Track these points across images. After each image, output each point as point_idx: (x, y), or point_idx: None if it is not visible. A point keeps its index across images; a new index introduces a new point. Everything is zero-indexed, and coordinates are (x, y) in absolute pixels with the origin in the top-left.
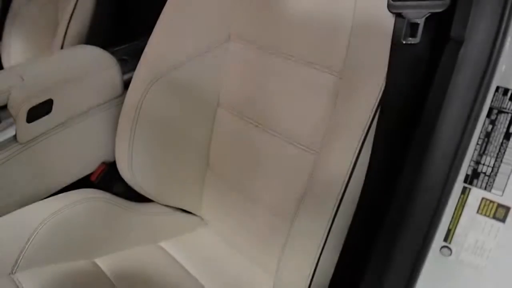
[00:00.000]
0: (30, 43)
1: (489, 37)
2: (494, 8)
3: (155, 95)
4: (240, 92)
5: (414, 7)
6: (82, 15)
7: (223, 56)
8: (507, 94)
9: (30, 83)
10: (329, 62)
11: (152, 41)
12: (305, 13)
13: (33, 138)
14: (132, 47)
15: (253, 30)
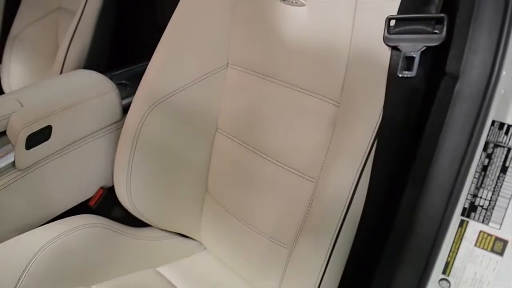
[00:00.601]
0: (30, 65)
1: (484, 72)
2: (488, 45)
3: (154, 120)
4: (238, 117)
5: (409, 40)
6: (81, 39)
7: (221, 82)
8: (502, 128)
9: (29, 109)
10: (326, 90)
11: (151, 67)
12: (302, 42)
13: (32, 165)
14: (131, 71)
15: (251, 57)
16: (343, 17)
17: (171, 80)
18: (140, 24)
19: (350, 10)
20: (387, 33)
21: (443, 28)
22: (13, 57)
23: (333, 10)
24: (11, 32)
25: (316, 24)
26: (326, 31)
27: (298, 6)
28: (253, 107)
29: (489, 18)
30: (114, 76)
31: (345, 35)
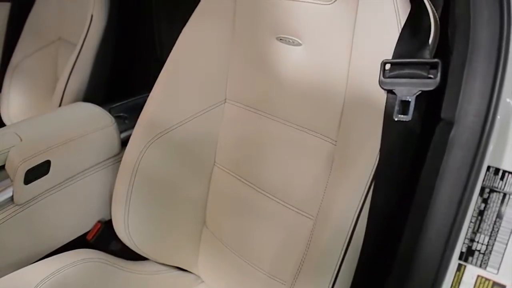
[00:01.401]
0: (29, 96)
1: (478, 120)
2: (481, 92)
3: (153, 155)
4: (236, 152)
5: (404, 84)
6: (81, 71)
7: (220, 117)
8: (498, 174)
9: (28, 144)
10: (323, 128)
11: (150, 102)
12: (299, 80)
13: (30, 199)
14: (130, 104)
15: (249, 93)
16: (339, 58)
17: (170, 115)
18: (139, 56)
19: (346, 52)
20: (383, 77)
21: (438, 73)
22: (13, 87)
23: (329, 51)
24: (11, 62)
25: (312, 64)
26: (322, 71)
27: (294, 45)
28: (251, 142)
29: (482, 66)
30: (113, 108)
31: (341, 76)
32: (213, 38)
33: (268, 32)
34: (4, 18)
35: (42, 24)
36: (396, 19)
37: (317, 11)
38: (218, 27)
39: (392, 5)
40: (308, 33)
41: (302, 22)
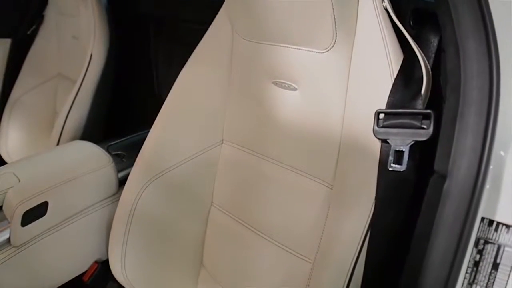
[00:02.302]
0: (28, 131)
1: (470, 173)
2: (473, 147)
3: (150, 196)
4: (233, 193)
5: (398, 134)
6: (80, 108)
7: (217, 158)
8: (492, 225)
9: (26, 185)
10: (319, 172)
11: (148, 143)
12: (294, 124)
13: (27, 241)
14: (128, 141)
15: (245, 135)
16: (334, 104)
17: (167, 156)
18: (137, 93)
19: (341, 99)
20: (377, 127)
21: (430, 124)
22: (11, 123)
23: (324, 97)
24: (11, 97)
25: (308, 108)
26: (317, 116)
27: (290, 90)
28: (247, 183)
29: (473, 121)
30: (111, 146)
31: (336, 122)
32: (210, 80)
33: (264, 76)
34: (4, 54)
35: (42, 60)
36: (389, 68)
37: (312, 58)
38: (215, 70)
39: (385, 55)
40: (303, 78)
41: (297, 68)
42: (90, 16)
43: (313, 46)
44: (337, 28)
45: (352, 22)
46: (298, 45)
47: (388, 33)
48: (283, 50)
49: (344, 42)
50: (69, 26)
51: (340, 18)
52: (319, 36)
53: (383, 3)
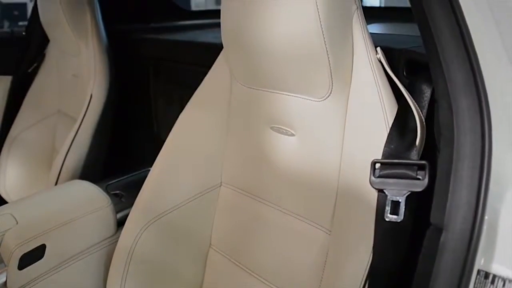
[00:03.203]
0: (26, 168)
1: (466, 227)
2: (468, 201)
3: (149, 238)
4: (231, 236)
5: (394, 185)
6: (80, 147)
7: (215, 200)
8: (488, 278)
9: (24, 227)
10: (317, 217)
11: (146, 186)
12: (292, 169)
13: (24, 284)
14: (126, 180)
15: (244, 178)
16: (331, 151)
17: (166, 199)
18: (136, 132)
19: (338, 146)
20: (373, 177)
21: (426, 175)
22: (10, 159)
23: (321, 144)
24: (10, 134)
25: (305, 154)
26: (315, 162)
27: (288, 135)
28: (245, 226)
29: (467, 176)
30: (110, 185)
31: (334, 168)
32: (209, 124)
33: (262, 121)
34: (4, 91)
35: (42, 97)
36: (384, 119)
37: (309, 106)
38: (214, 113)
39: (380, 105)
40: (301, 125)
41: (294, 115)
42: (91, 56)
43: (310, 94)
44: (333, 78)
45: (347, 73)
46: (295, 93)
47: (382, 84)
48: (281, 97)
49: (340, 92)
50: (70, 65)
51: (336, 69)
52: (315, 86)
53: (377, 55)
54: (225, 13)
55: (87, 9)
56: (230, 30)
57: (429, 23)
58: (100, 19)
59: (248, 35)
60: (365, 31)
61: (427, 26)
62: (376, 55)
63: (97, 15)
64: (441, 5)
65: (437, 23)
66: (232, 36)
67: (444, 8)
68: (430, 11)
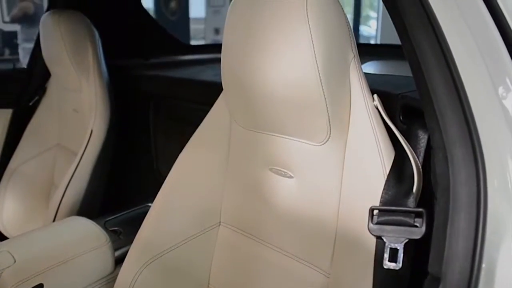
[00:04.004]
0: (24, 201)
1: (463, 277)
2: (465, 251)
3: (147, 278)
4: (230, 276)
5: (392, 232)
6: (79, 183)
7: (214, 239)
8: None
9: (22, 266)
10: (316, 259)
11: (145, 225)
12: (290, 210)
13: None
14: (125, 216)
15: (243, 218)
16: (329, 195)
17: (165, 238)
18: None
19: (336, 190)
20: (371, 223)
21: (423, 223)
22: (8, 192)
23: (319, 187)
24: (9, 166)
25: (303, 197)
26: (313, 205)
27: (287, 177)
28: (244, 266)
29: (464, 226)
30: (108, 221)
31: (332, 212)
32: (209, 163)
33: (261, 163)
34: (4, 124)
35: (42, 131)
36: (382, 165)
37: (307, 149)
38: (214, 153)
39: (377, 152)
40: (299, 168)
41: (293, 157)
42: (92, 91)
43: (309, 138)
44: (331, 124)
45: (345, 119)
46: (294, 137)
47: (379, 130)
48: (280, 140)
49: (338, 137)
50: (70, 100)
51: (334, 116)
52: (314, 131)
53: (374, 101)
54: (225, 57)
55: (89, 46)
56: (230, 73)
57: (424, 74)
58: (102, 56)
59: (248, 80)
60: (362, 79)
61: (422, 78)
62: (373, 102)
63: (99, 52)
64: (436, 57)
65: (431, 75)
66: (232, 80)
67: (439, 60)
68: (425, 63)
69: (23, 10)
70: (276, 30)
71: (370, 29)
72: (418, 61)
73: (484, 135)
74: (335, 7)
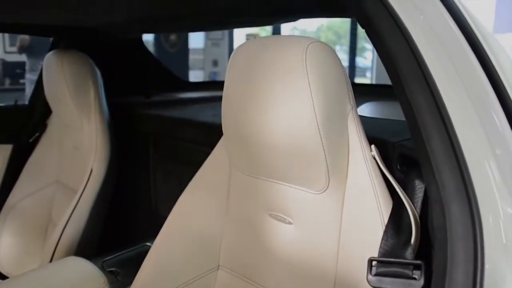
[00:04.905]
0: (22, 237)
1: None
2: None
3: None
4: None
5: (391, 284)
6: (76, 223)
7: (213, 284)
8: None
9: None
10: None
11: (145, 267)
12: (289, 256)
13: None
14: (123, 256)
15: (242, 262)
16: (328, 243)
17: (164, 282)
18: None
19: (335, 238)
20: (370, 275)
21: (421, 275)
22: (6, 229)
23: (318, 235)
24: (7, 202)
25: (302, 243)
26: (312, 252)
27: (286, 223)
28: None
29: (461, 281)
30: (106, 262)
31: (331, 260)
32: (208, 207)
33: (261, 208)
34: (4, 160)
35: (41, 167)
36: (380, 215)
37: (307, 197)
38: (213, 197)
39: (375, 202)
40: (299, 215)
41: (292, 205)
42: (92, 130)
43: (308, 186)
44: (330, 174)
45: (343, 169)
46: (293, 184)
47: (377, 180)
48: (279, 187)
49: (337, 186)
50: (71, 137)
51: (333, 165)
52: (313, 180)
53: (371, 152)
54: (226, 105)
55: (91, 86)
56: (231, 121)
57: (421, 131)
58: (103, 95)
59: (248, 128)
60: (359, 129)
61: (419, 134)
62: (371, 152)
63: (100, 91)
64: (432, 115)
65: (429, 134)
66: (232, 127)
67: (435, 118)
68: (422, 120)
69: (21, 43)
70: (276, 82)
71: (365, 60)
72: (414, 117)
73: (479, 190)
74: (333, 60)
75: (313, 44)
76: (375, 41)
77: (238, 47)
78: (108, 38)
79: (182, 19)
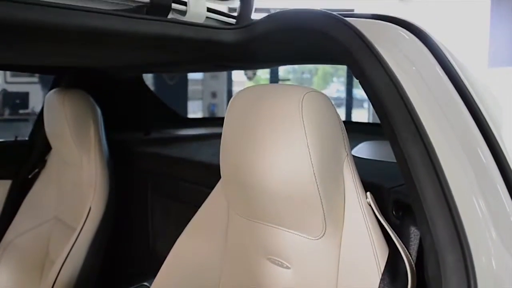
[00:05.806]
0: (18, 274)
1: None
2: None
3: None
4: None
5: None
6: (75, 261)
7: None
8: None
9: None
10: None
11: None
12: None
13: None
14: None
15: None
16: (325, 286)
17: None
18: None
19: (332, 284)
20: None
21: None
22: (2, 265)
23: (315, 280)
24: (4, 239)
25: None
26: None
27: (284, 268)
28: None
29: None
30: None
31: None
32: (206, 250)
33: (259, 252)
34: (3, 195)
35: (39, 204)
36: (376, 262)
37: (304, 242)
38: (211, 240)
39: (371, 249)
40: (296, 260)
41: (290, 249)
42: (92, 168)
43: (305, 232)
44: (326, 220)
45: (340, 216)
46: (290, 229)
47: (373, 227)
48: (277, 231)
49: (333, 233)
50: (70, 174)
51: (329, 212)
52: (310, 226)
53: (367, 199)
54: (224, 151)
55: (91, 124)
56: (229, 165)
57: (415, 183)
58: (103, 133)
59: (246, 173)
60: (355, 177)
61: (413, 186)
62: (366, 200)
63: (100, 129)
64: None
65: (423, 186)
66: (231, 173)
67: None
68: (416, 174)
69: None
70: (273, 130)
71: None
72: (408, 169)
73: (473, 242)
74: (329, 109)
75: (309, 94)
76: (367, 91)
77: (237, 93)
78: (109, 77)
79: (183, 63)
